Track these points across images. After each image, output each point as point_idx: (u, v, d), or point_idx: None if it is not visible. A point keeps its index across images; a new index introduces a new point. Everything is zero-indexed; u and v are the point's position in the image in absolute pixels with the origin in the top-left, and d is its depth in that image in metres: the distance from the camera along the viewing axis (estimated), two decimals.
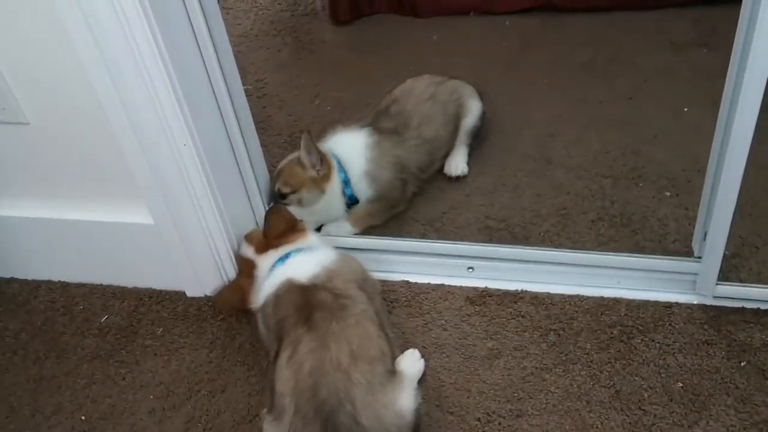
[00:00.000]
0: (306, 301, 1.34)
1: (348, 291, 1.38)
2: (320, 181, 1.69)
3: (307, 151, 1.65)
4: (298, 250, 1.49)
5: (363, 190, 1.74)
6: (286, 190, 1.68)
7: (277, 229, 1.52)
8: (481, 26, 2.38)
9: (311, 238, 1.55)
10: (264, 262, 1.50)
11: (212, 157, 1.46)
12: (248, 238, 1.56)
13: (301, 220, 1.59)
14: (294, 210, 1.64)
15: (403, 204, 1.79)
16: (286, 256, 1.47)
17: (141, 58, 1.28)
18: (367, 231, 1.74)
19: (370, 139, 1.76)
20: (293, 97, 2.20)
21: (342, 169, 1.72)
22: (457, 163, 1.86)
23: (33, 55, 1.37)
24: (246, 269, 1.53)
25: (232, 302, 1.56)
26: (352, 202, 1.75)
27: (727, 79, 1.26)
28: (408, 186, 1.79)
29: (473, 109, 1.90)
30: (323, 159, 1.68)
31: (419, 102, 1.84)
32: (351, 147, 1.75)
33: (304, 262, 1.45)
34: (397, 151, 1.77)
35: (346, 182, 1.72)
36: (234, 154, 1.57)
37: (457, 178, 1.85)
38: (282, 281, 1.41)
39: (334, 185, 1.71)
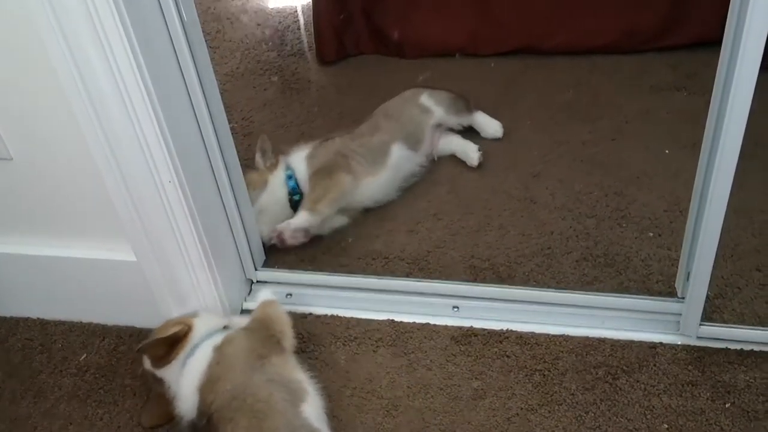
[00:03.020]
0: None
1: (216, 403, 1.28)
2: (264, 173, 1.83)
3: (261, 151, 1.74)
4: (187, 356, 1.37)
5: (304, 174, 1.84)
6: None
7: (157, 356, 1.39)
8: (466, 67, 2.41)
9: (199, 328, 1.41)
10: (167, 374, 1.39)
11: (197, 195, 1.45)
12: (143, 350, 1.41)
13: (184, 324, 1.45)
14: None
15: (346, 174, 1.83)
16: (183, 364, 1.37)
17: (127, 94, 1.28)
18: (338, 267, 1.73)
19: (319, 141, 1.92)
20: (279, 135, 2.20)
21: (290, 167, 1.87)
22: (468, 149, 1.99)
23: (17, 91, 1.36)
24: (156, 381, 1.42)
25: (158, 416, 1.42)
26: (295, 193, 1.84)
27: (707, 122, 1.28)
28: (351, 160, 1.85)
29: (431, 106, 2.02)
30: (275, 156, 1.84)
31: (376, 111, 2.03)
32: (301, 146, 1.93)
33: (185, 389, 1.34)
34: (342, 140, 1.91)
35: (290, 176, 1.85)
36: (219, 191, 1.56)
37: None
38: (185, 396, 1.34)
39: (278, 176, 1.85)
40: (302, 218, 1.77)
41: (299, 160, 1.89)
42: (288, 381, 1.34)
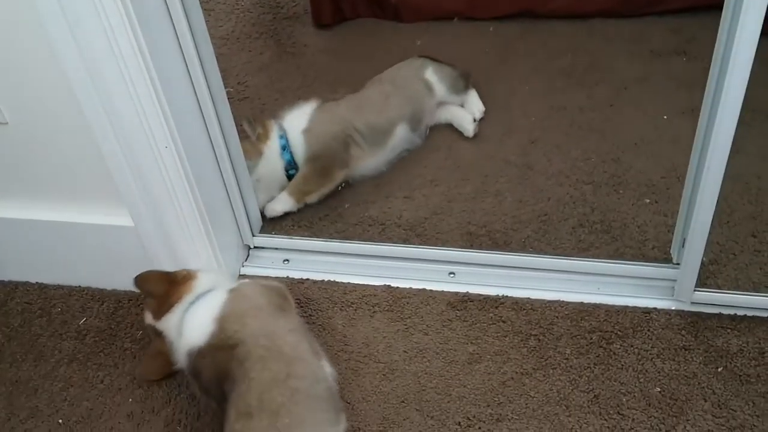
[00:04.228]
0: (216, 375, 1.27)
1: (242, 335, 1.28)
2: (257, 144, 1.77)
3: (247, 120, 1.70)
4: (192, 303, 1.38)
5: (301, 150, 1.79)
6: None
7: (156, 292, 1.41)
8: (464, 32, 2.38)
9: (203, 280, 1.42)
10: (166, 325, 1.39)
11: (193, 160, 1.45)
12: (145, 304, 1.45)
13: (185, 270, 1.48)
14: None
15: (342, 169, 1.81)
16: (183, 313, 1.38)
17: (122, 57, 1.27)
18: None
19: (317, 104, 1.85)
20: (274, 100, 2.19)
21: (284, 136, 1.79)
22: (464, 120, 1.97)
23: (12, 55, 1.35)
24: (156, 334, 1.43)
25: (155, 370, 1.46)
26: (291, 167, 1.81)
27: (706, 87, 1.28)
28: (351, 148, 1.81)
29: (433, 81, 1.98)
30: (263, 125, 1.76)
31: (375, 80, 1.98)
32: (297, 112, 1.85)
33: (196, 319, 1.34)
34: (345, 112, 1.84)
35: (284, 147, 1.79)
36: (216, 156, 1.56)
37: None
38: (187, 350, 1.33)
39: (272, 147, 1.78)
40: (286, 204, 1.77)
41: (296, 132, 1.82)
42: (307, 335, 1.36)
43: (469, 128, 1.97)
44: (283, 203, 1.78)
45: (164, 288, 1.40)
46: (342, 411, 1.30)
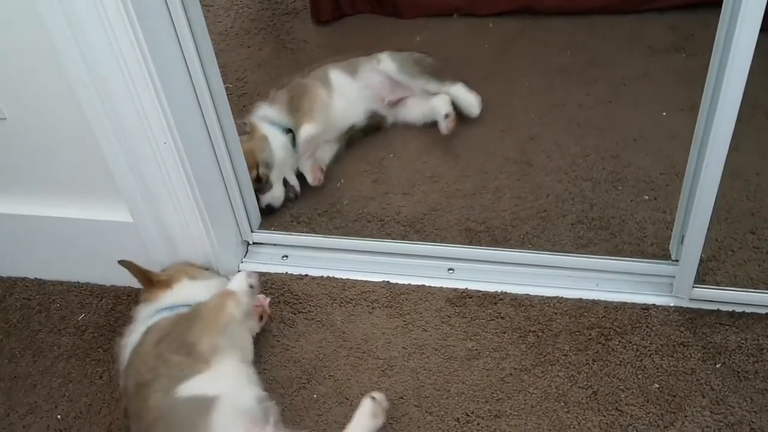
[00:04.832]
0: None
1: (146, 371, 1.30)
2: (255, 137, 1.84)
3: (239, 129, 1.72)
4: (156, 312, 1.42)
5: (281, 109, 1.92)
6: (253, 174, 1.76)
7: (139, 279, 1.46)
8: (463, 28, 2.38)
9: (175, 294, 1.46)
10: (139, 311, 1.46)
11: (192, 156, 1.45)
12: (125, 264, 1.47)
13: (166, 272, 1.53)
14: (279, 186, 1.83)
15: (321, 88, 1.95)
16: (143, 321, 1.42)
17: (121, 53, 1.27)
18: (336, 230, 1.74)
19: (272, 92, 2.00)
20: None
21: (267, 119, 1.91)
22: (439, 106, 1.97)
23: (10, 51, 1.35)
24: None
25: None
26: (289, 132, 1.90)
27: (705, 84, 1.28)
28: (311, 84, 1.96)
29: (382, 57, 2.04)
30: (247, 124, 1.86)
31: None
32: (261, 105, 1.97)
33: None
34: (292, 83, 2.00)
35: (272, 123, 1.90)
36: (215, 152, 1.56)
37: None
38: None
39: (269, 133, 1.87)
40: (306, 130, 1.85)
41: (269, 110, 1.94)
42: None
43: (441, 125, 1.95)
44: (304, 131, 1.85)
45: (144, 281, 1.46)
46: None
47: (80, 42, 1.25)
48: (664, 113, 1.96)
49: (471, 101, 1.98)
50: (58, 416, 1.45)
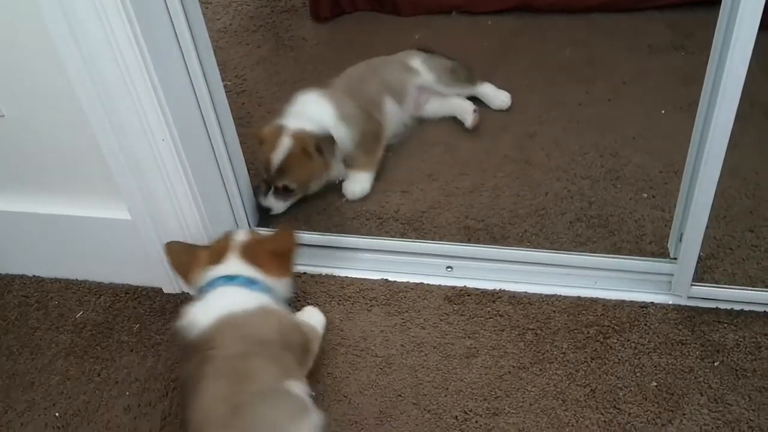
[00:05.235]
0: (201, 360, 1.24)
1: (225, 351, 1.24)
2: (327, 165, 1.78)
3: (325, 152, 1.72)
4: (228, 279, 1.35)
5: (345, 136, 1.80)
6: (293, 186, 1.73)
7: (184, 265, 1.40)
8: (462, 26, 2.38)
9: (230, 266, 1.38)
10: (198, 278, 1.38)
11: (191, 153, 1.45)
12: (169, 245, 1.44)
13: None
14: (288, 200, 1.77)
15: (383, 132, 1.88)
16: (212, 284, 1.35)
17: (119, 50, 1.26)
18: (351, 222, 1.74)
19: (321, 90, 1.87)
20: (272, 94, 2.19)
21: (311, 124, 1.78)
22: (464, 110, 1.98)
23: (8, 48, 1.35)
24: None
25: (179, 260, 1.42)
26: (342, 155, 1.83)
27: (704, 83, 1.28)
28: (376, 116, 1.88)
29: (419, 67, 2.00)
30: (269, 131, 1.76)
31: (356, 68, 2.00)
32: (315, 105, 1.83)
33: (208, 304, 1.32)
34: (345, 93, 1.88)
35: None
36: (213, 150, 1.56)
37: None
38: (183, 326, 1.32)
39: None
40: (367, 180, 1.81)
41: (331, 121, 1.80)
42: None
43: (468, 119, 1.97)
44: (364, 181, 1.81)
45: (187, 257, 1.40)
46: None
47: (79, 39, 1.25)
48: (663, 111, 1.96)
49: (502, 98, 2.03)
50: (56, 414, 1.45)
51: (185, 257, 1.41)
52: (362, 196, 1.80)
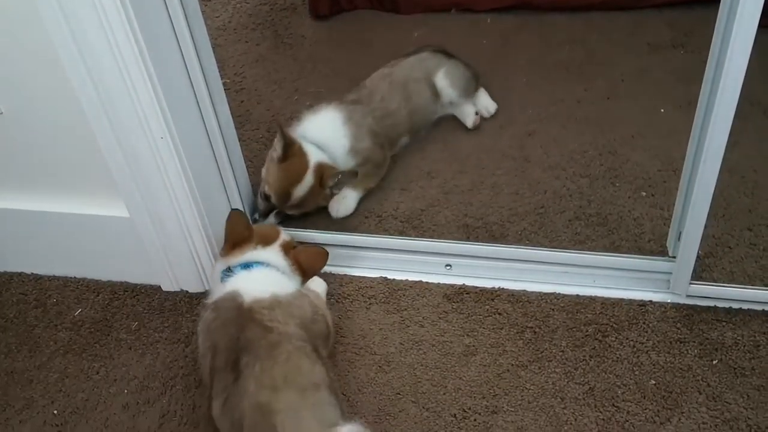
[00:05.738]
0: (236, 338, 1.27)
1: (285, 328, 1.30)
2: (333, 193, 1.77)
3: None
4: (261, 264, 1.42)
5: (350, 165, 1.78)
6: (299, 211, 1.75)
7: (238, 235, 1.45)
8: (461, 24, 2.38)
9: (275, 254, 1.46)
10: (221, 265, 1.44)
11: (190, 151, 1.45)
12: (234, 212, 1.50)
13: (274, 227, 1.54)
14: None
15: (386, 164, 1.86)
16: (248, 266, 1.41)
17: (117, 47, 1.26)
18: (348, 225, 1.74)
19: (342, 114, 1.81)
20: (272, 92, 2.19)
21: (321, 150, 1.75)
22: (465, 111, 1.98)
23: (6, 45, 1.34)
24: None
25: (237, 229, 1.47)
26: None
27: (703, 81, 1.28)
28: (385, 150, 1.86)
29: (443, 86, 1.97)
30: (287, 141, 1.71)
31: (378, 78, 1.94)
32: (328, 128, 1.80)
33: (257, 278, 1.39)
34: (368, 120, 1.83)
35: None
36: (212, 148, 1.56)
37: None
38: (228, 292, 1.35)
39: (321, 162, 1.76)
40: (355, 199, 1.78)
41: (341, 152, 1.78)
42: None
43: (469, 121, 1.97)
44: (350, 200, 1.78)
45: (245, 235, 1.45)
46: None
47: (77, 37, 1.24)
48: (662, 110, 1.96)
49: (489, 105, 2.02)
50: (55, 411, 1.45)
51: (243, 229, 1.46)
52: (346, 215, 1.76)
